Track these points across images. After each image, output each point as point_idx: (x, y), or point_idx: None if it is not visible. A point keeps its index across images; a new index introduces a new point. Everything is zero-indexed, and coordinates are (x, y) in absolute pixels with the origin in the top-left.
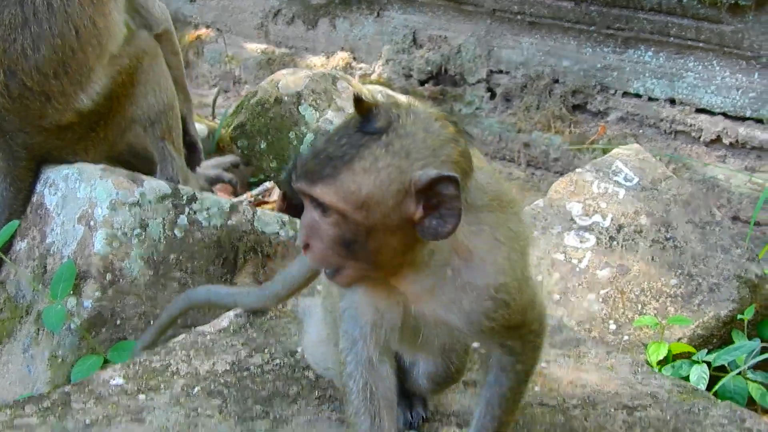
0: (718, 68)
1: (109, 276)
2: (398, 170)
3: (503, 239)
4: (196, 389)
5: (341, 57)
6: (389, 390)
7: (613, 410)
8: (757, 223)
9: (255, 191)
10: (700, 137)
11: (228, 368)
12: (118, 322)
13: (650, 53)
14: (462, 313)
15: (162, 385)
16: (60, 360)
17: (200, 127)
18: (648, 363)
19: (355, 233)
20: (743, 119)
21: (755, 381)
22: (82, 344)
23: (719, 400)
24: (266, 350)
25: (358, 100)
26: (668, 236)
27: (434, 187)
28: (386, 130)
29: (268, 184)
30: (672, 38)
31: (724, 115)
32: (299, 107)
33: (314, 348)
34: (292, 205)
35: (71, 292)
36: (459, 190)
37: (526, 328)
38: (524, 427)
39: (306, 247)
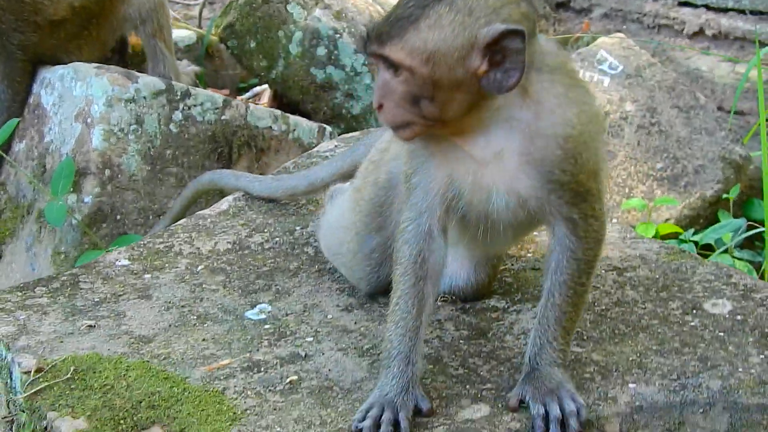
0: None
1: (107, 172)
2: (462, 26)
3: (575, 98)
4: (199, 267)
5: None
6: (439, 263)
7: (604, 272)
8: (741, 112)
9: (245, 96)
10: (683, 30)
11: (230, 247)
12: (118, 217)
13: None
14: (531, 166)
15: (166, 265)
16: (63, 256)
17: (187, 34)
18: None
19: (423, 88)
20: (725, 11)
21: (741, 259)
22: (83, 240)
23: (706, 260)
24: (266, 230)
25: None
26: (653, 121)
27: (500, 42)
28: None
29: (258, 89)
30: None
31: (707, 7)
32: (287, 6)
33: (331, 232)
34: (283, 104)
35: (71, 188)
36: (524, 44)
37: (590, 202)
38: (518, 289)
39: (379, 107)
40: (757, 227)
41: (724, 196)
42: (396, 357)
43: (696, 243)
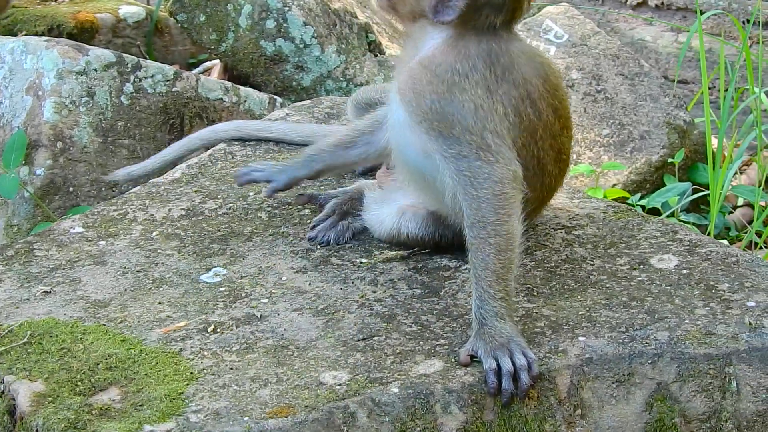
0: None
1: (59, 144)
2: None
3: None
4: (154, 233)
5: None
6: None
7: (552, 230)
8: (685, 81)
9: (196, 71)
10: (626, 1)
11: (184, 214)
12: (71, 189)
13: None
14: (417, 83)
15: (121, 232)
16: (16, 228)
17: (136, 10)
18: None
19: None
20: None
21: (687, 222)
22: (36, 212)
23: (652, 218)
24: (219, 196)
25: None
26: (599, 89)
27: None
28: None
29: (207, 64)
30: None
31: None
32: None
33: None
34: (233, 77)
35: (23, 161)
36: None
37: (467, 142)
38: None
39: None
40: (701, 191)
41: (670, 160)
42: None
43: (643, 207)
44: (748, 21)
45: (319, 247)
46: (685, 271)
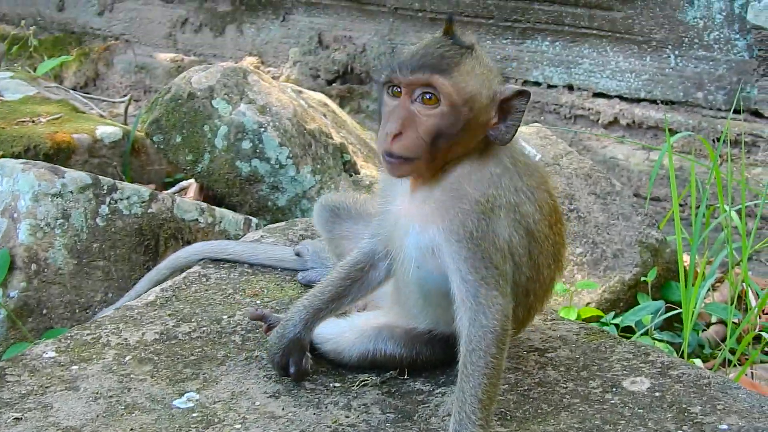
0: (611, 53)
1: (34, 266)
2: (488, 80)
3: (503, 180)
4: (127, 358)
5: (249, 61)
6: (375, 277)
7: (525, 353)
8: (657, 198)
9: (171, 190)
10: (598, 120)
11: (157, 337)
12: (45, 311)
13: (547, 42)
14: (446, 213)
15: (94, 356)
16: None
17: (113, 130)
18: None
19: (454, 125)
20: (638, 101)
21: (661, 340)
22: (9, 334)
23: (624, 339)
24: (193, 319)
25: (450, 20)
26: (572, 207)
27: (511, 100)
28: (474, 47)
29: (184, 183)
30: (567, 27)
31: (620, 97)
32: (212, 101)
33: None
34: (209, 197)
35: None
36: (527, 104)
37: (491, 272)
38: (443, 372)
39: (396, 135)
40: (675, 309)
41: (643, 279)
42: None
43: (617, 326)
44: (718, 139)
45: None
46: (657, 394)
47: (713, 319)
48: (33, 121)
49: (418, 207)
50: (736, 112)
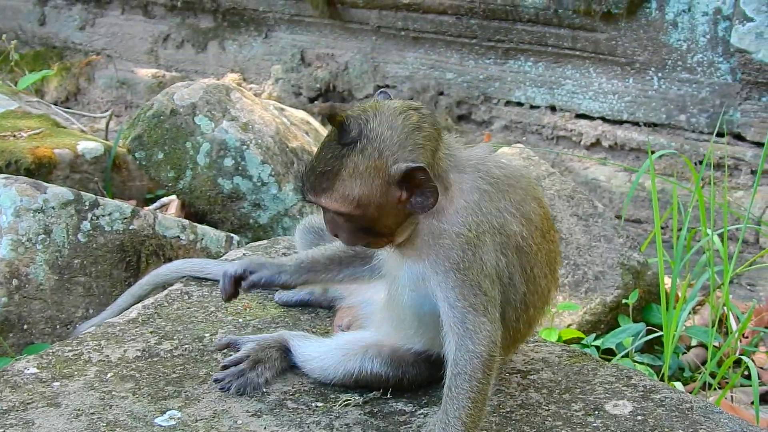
0: (594, 75)
1: (15, 282)
2: (376, 169)
3: (483, 206)
4: (109, 375)
5: (231, 78)
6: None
7: (508, 375)
8: (638, 220)
9: (152, 206)
10: (580, 141)
11: (139, 355)
12: (25, 326)
13: (530, 63)
14: (433, 248)
15: (75, 373)
16: None
17: (94, 146)
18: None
19: (363, 222)
20: (621, 122)
21: (642, 363)
22: None
23: (606, 362)
24: (175, 337)
25: (331, 116)
26: None
27: (408, 176)
28: (359, 137)
29: (165, 199)
30: (550, 48)
31: (603, 119)
32: (195, 118)
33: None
34: (190, 214)
35: None
36: (428, 175)
37: (479, 298)
38: (426, 392)
39: (336, 236)
40: (655, 331)
41: (624, 301)
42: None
43: (598, 348)
44: (701, 162)
45: (273, 390)
46: (639, 418)
47: (693, 342)
48: (14, 136)
49: (404, 251)
50: (719, 135)
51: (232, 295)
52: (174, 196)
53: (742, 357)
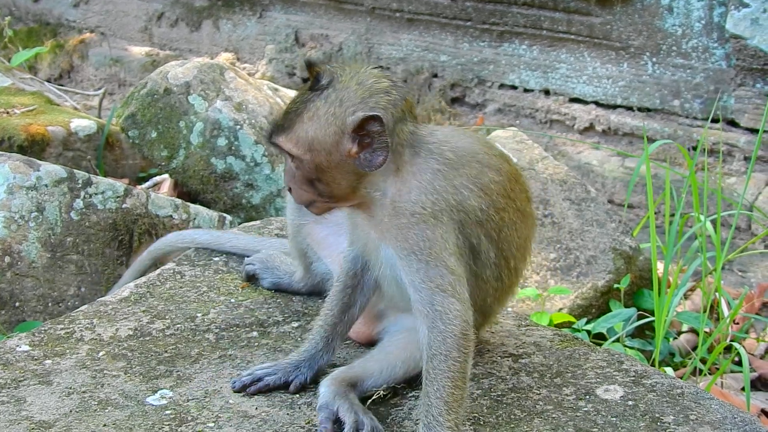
0: (589, 59)
1: (7, 259)
2: (333, 116)
3: (438, 184)
4: (100, 353)
5: (225, 57)
6: (371, 281)
7: (499, 358)
8: (630, 206)
9: (145, 185)
10: (574, 125)
11: (131, 333)
12: (17, 304)
13: (524, 46)
14: (393, 232)
15: (67, 351)
16: None
17: (87, 124)
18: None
19: (311, 171)
20: (614, 107)
21: (632, 348)
22: None
23: (598, 347)
24: (167, 316)
25: (309, 64)
26: (546, 213)
27: (364, 127)
28: (328, 86)
29: (157, 178)
30: (544, 31)
31: (596, 103)
32: (188, 97)
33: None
34: (183, 194)
35: None
36: (383, 127)
37: (442, 277)
38: (415, 377)
39: (289, 190)
40: (647, 317)
41: (615, 286)
42: (307, 339)
43: (588, 332)
44: (695, 148)
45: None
46: (630, 403)
47: (684, 328)
48: (8, 113)
49: (371, 228)
50: (713, 121)
51: None
52: (167, 175)
53: (733, 343)
